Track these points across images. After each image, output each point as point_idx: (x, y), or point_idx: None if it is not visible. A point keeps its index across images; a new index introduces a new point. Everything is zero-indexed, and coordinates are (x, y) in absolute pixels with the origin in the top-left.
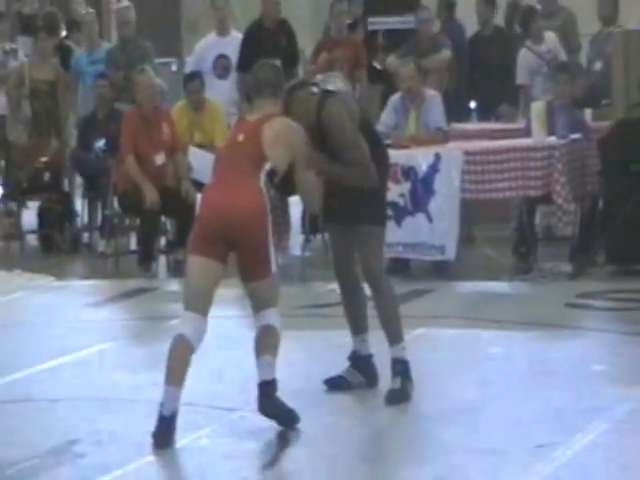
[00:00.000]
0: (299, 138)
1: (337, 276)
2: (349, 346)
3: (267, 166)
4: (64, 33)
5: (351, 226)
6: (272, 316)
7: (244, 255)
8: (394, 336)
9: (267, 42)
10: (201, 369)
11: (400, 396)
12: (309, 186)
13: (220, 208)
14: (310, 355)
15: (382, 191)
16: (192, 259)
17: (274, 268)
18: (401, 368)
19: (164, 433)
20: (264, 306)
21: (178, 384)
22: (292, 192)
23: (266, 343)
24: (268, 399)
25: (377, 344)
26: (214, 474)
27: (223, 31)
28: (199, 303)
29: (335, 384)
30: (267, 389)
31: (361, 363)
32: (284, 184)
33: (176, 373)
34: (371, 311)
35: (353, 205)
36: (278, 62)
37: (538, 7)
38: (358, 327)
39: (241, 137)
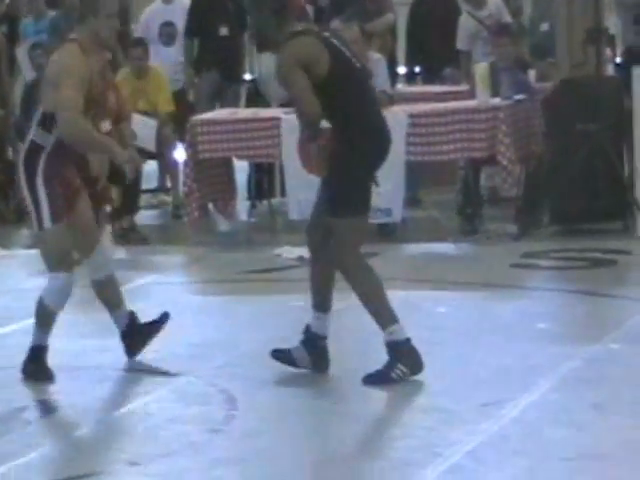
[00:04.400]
0: (64, 62)
1: (306, 237)
2: (297, 310)
3: (38, 114)
4: (7, 1)
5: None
6: (46, 285)
7: None
8: (379, 323)
9: (216, 7)
10: None
11: (380, 377)
12: (61, 101)
13: None
14: (258, 320)
15: (356, 178)
16: None
17: (35, 226)
18: (388, 350)
19: None
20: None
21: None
22: None
23: (35, 312)
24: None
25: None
26: (163, 438)
27: None
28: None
29: (279, 356)
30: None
31: (311, 340)
32: None
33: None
34: None
35: (325, 191)
36: (225, 29)
37: None
38: (319, 303)
39: None
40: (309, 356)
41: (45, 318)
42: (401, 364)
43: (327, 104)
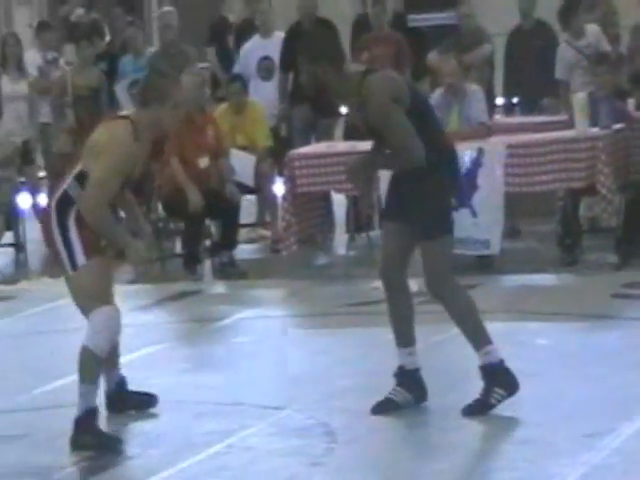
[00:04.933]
0: (107, 144)
1: (382, 277)
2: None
3: (77, 169)
4: (107, 39)
5: (409, 226)
6: (87, 330)
7: None
8: (474, 344)
9: (306, 43)
10: (246, 369)
11: (480, 407)
12: (94, 182)
13: None
14: (358, 352)
15: (443, 196)
16: None
17: (68, 268)
18: (483, 374)
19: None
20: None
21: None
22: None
23: (78, 369)
24: (76, 435)
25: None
26: (263, 471)
27: (266, 33)
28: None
29: (383, 409)
30: (74, 427)
31: (408, 379)
32: None
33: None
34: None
35: (413, 216)
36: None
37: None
38: (404, 338)
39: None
40: (410, 394)
41: (93, 369)
42: (497, 387)
43: None
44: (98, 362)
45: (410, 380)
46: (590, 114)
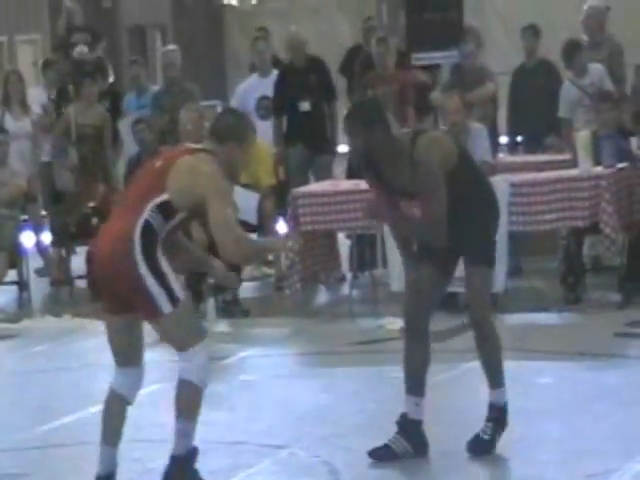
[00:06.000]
0: (211, 175)
1: (406, 318)
2: (399, 382)
3: (160, 198)
4: (111, 78)
5: (449, 268)
6: (184, 364)
7: (130, 300)
8: (494, 380)
9: (296, 83)
10: (250, 407)
11: (486, 446)
12: (223, 222)
13: (90, 256)
14: (362, 391)
15: (492, 230)
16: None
17: (167, 307)
18: (495, 414)
19: None
20: (176, 351)
21: (113, 443)
22: None
23: (177, 405)
24: (174, 474)
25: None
26: None
27: (264, 72)
28: (122, 358)
29: (380, 455)
30: (173, 465)
31: (410, 428)
32: None
33: (111, 431)
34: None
35: (464, 244)
36: (306, 104)
37: (584, 38)
38: (413, 386)
39: (158, 164)
40: (409, 444)
41: (197, 405)
42: (501, 428)
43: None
44: (201, 398)
45: (411, 430)
46: (593, 153)
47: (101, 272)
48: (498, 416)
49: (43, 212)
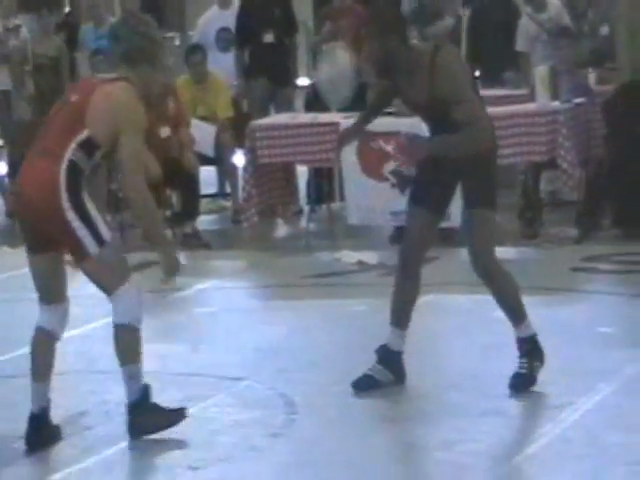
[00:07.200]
0: (130, 107)
1: (400, 258)
2: (357, 315)
3: (82, 135)
4: (67, 9)
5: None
6: (115, 308)
7: (55, 240)
8: (516, 317)
9: (259, 15)
10: (207, 340)
11: (528, 381)
12: (132, 153)
13: (16, 191)
14: (319, 324)
15: (494, 172)
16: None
17: (93, 248)
18: (526, 348)
19: (35, 432)
20: (107, 296)
21: (44, 379)
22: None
23: (118, 353)
24: (138, 418)
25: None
26: (223, 442)
27: (225, 4)
28: (47, 295)
29: (364, 385)
30: (133, 412)
31: (391, 359)
32: None
33: (41, 368)
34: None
35: (465, 188)
36: (270, 35)
37: None
38: (399, 319)
39: (74, 97)
40: (391, 373)
41: (137, 346)
42: (536, 360)
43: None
44: (140, 336)
45: (393, 361)
46: (552, 88)
47: (26, 215)
48: (530, 348)
49: (0, 143)
